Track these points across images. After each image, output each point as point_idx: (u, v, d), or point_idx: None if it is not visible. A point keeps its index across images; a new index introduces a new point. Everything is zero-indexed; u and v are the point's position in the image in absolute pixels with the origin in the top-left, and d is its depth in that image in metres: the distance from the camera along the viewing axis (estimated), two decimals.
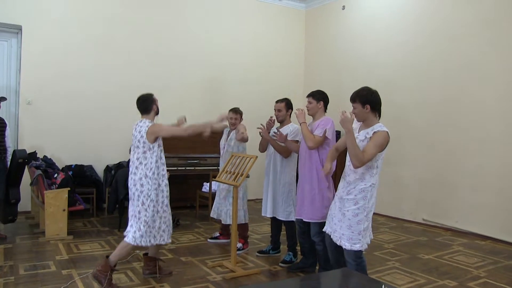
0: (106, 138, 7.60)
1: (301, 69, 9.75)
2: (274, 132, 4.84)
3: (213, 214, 5.71)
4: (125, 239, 4.04)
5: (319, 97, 4.41)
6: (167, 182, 4.19)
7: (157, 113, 4.26)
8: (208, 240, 5.84)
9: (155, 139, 4.06)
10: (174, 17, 8.26)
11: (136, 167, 4.05)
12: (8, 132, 5.91)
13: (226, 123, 5.07)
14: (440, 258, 5.20)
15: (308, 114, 4.45)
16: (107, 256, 4.04)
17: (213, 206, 5.73)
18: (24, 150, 5.80)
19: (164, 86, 7.88)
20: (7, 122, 5.90)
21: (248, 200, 5.71)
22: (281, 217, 4.90)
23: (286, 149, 4.82)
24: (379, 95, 3.46)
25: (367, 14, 8.19)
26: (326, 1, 9.11)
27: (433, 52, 6.99)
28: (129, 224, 4.10)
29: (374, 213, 6.75)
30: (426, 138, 7.03)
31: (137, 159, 4.05)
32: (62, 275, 4.29)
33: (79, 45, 7.41)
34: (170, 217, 4.25)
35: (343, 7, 8.64)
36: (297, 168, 4.75)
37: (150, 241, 4.04)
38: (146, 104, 4.18)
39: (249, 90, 8.92)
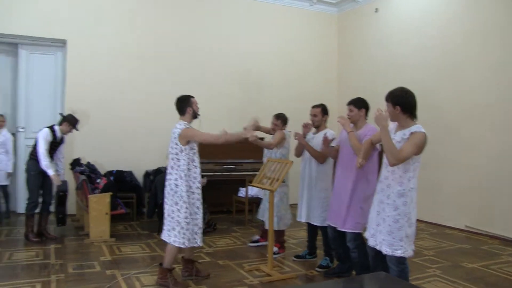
0: (145, 145, 7.83)
1: (333, 73, 9.75)
2: (324, 136, 4.76)
3: (259, 216, 5.79)
4: (163, 237, 4.21)
5: (361, 105, 4.34)
6: (199, 185, 4.26)
7: (194, 116, 4.35)
8: (249, 244, 5.89)
9: (187, 142, 4.15)
10: (208, 24, 8.46)
11: (172, 167, 4.17)
12: (63, 147, 6.16)
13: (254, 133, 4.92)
14: (487, 268, 4.97)
15: (350, 122, 4.38)
16: (161, 264, 4.25)
17: (260, 208, 5.82)
18: (65, 183, 6.09)
19: (199, 93, 7.97)
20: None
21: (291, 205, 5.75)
22: (316, 222, 4.91)
23: (322, 155, 4.83)
24: (414, 97, 3.39)
25: (400, 16, 8.13)
26: (358, 5, 9.10)
27: (468, 53, 6.87)
28: (164, 224, 4.24)
29: None
30: (467, 141, 6.86)
31: (172, 159, 4.18)
32: (106, 275, 4.47)
33: (118, 57, 7.73)
34: (202, 221, 4.32)
35: (376, 10, 8.61)
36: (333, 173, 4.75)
37: (184, 243, 4.13)
38: (182, 105, 4.30)
39: (283, 95, 8.98)
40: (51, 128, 5.81)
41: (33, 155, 5.73)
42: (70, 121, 5.94)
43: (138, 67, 7.87)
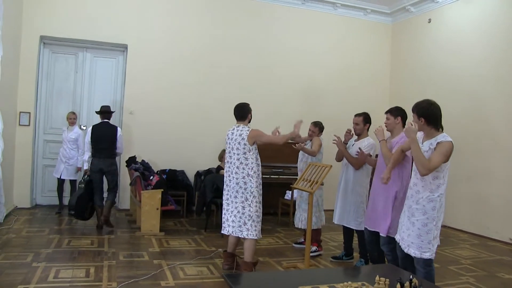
0: (197, 147, 8.25)
1: (386, 83, 9.79)
2: (357, 152, 4.97)
3: (296, 224, 5.97)
4: (243, 235, 4.52)
5: (397, 113, 4.48)
6: (261, 182, 4.65)
7: (249, 121, 4.73)
8: (293, 245, 6.11)
9: (254, 143, 4.54)
10: (263, 33, 8.78)
11: (237, 167, 4.53)
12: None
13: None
14: None
15: (387, 130, 4.55)
16: (232, 255, 4.68)
17: (296, 216, 5.98)
18: None
19: (253, 99, 8.30)
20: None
21: (327, 210, 5.92)
22: (352, 225, 5.12)
23: (358, 161, 5.03)
24: (439, 109, 3.55)
25: (453, 27, 8.08)
26: (412, 15, 9.11)
27: None
28: (231, 221, 4.56)
29: (455, 229, 6.60)
30: None
31: (238, 159, 4.53)
32: (153, 264, 4.85)
33: (176, 62, 8.18)
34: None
35: (429, 20, 8.59)
36: (371, 179, 4.90)
37: (256, 234, 4.51)
38: (244, 112, 4.70)
39: (335, 103, 9.15)
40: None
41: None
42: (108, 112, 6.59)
43: (194, 72, 8.28)
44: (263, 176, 7.66)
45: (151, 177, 6.73)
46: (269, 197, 8.12)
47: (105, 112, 6.53)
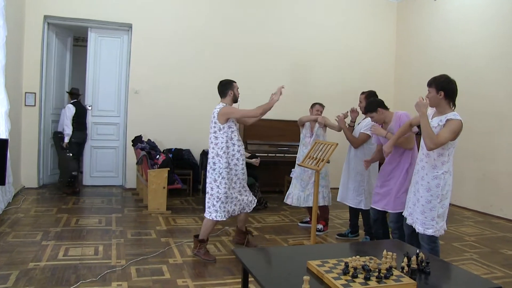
0: (203, 126, 8.12)
1: (391, 62, 9.73)
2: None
3: (293, 202, 5.98)
4: (205, 215, 4.47)
5: (369, 109, 4.50)
6: (238, 162, 4.44)
7: (235, 100, 4.61)
8: (299, 223, 6.14)
9: (226, 120, 4.39)
10: (265, 11, 8.69)
11: (210, 146, 4.45)
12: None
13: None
14: None
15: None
16: (196, 236, 4.54)
17: (290, 193, 5.93)
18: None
19: (256, 77, 8.35)
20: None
21: (333, 188, 5.93)
22: (351, 203, 5.19)
23: (357, 140, 5.08)
24: (456, 85, 3.55)
25: (459, 5, 7.97)
26: None
27: None
28: (206, 202, 4.50)
29: (460, 206, 6.60)
30: None
31: (210, 138, 4.47)
32: (161, 242, 4.93)
33: (180, 41, 8.14)
34: (242, 201, 4.54)
35: None
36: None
37: (224, 216, 4.38)
38: (223, 88, 4.63)
39: (339, 80, 9.13)
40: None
41: None
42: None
43: (199, 51, 8.24)
44: (269, 154, 7.84)
45: (157, 156, 6.77)
46: (274, 175, 8.22)
47: (78, 93, 7.49)
